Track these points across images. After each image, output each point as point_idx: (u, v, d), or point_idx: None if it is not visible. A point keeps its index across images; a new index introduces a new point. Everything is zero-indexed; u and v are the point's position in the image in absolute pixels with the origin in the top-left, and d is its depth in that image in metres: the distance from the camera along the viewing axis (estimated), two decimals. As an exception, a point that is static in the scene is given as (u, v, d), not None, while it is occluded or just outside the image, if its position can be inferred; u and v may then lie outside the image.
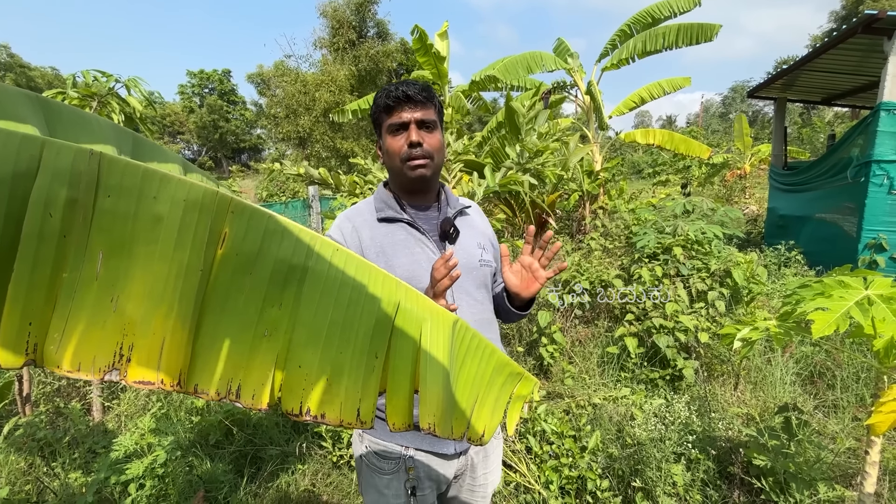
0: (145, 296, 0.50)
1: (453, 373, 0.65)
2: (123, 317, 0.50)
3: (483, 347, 0.70)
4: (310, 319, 0.58)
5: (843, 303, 1.56)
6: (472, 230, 1.27)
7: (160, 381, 0.49)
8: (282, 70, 16.30)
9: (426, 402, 0.60)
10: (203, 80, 43.72)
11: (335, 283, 0.60)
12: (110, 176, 0.51)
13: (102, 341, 0.49)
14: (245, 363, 0.55)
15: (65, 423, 2.76)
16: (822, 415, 3.09)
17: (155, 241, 0.51)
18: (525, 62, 6.90)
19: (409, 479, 1.16)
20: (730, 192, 11.81)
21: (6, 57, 31.40)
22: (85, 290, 0.50)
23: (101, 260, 0.50)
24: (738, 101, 48.62)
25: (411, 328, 0.63)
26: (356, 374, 0.59)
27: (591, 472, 2.33)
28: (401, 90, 1.11)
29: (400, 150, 1.13)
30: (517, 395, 0.73)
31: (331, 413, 0.57)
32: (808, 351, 3.67)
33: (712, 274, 3.77)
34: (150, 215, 0.52)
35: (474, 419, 0.68)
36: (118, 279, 0.50)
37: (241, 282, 0.56)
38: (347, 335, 0.60)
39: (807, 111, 30.43)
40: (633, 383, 3.48)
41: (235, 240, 0.56)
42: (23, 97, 0.97)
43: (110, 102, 3.37)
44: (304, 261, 0.59)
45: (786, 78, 6.76)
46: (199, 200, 0.54)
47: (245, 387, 0.55)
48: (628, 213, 6.04)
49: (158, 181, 0.53)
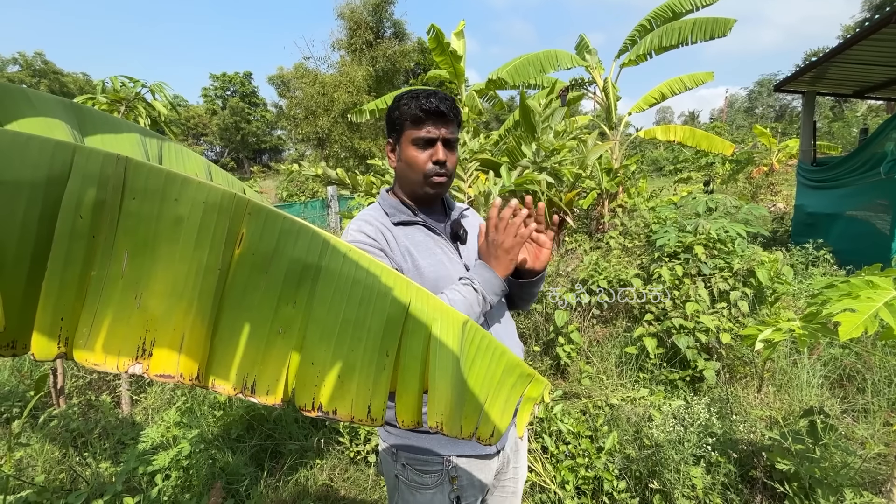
0: (167, 293, 0.53)
1: (463, 372, 0.66)
2: (146, 313, 0.52)
3: (493, 348, 0.71)
4: (323, 317, 0.60)
5: (871, 304, 1.51)
6: (475, 231, 1.29)
7: (179, 375, 0.52)
8: (301, 72, 16.56)
9: (435, 400, 0.61)
10: (225, 82, 44.73)
11: (348, 281, 0.62)
12: (136, 179, 0.54)
13: (127, 336, 0.52)
14: (261, 359, 0.57)
15: (96, 415, 2.87)
16: (850, 419, 2.99)
17: (176, 241, 0.54)
18: (538, 62, 6.84)
19: (453, 490, 1.12)
20: (756, 190, 11.48)
21: (41, 64, 32.73)
22: (111, 287, 0.52)
23: (127, 259, 0.53)
24: (764, 95, 47.13)
25: (421, 327, 0.64)
26: (367, 372, 0.61)
27: (607, 473, 2.31)
28: (434, 104, 1.08)
29: (424, 165, 1.11)
30: (528, 397, 0.74)
31: (342, 409, 0.59)
32: (837, 353, 3.55)
33: (735, 273, 3.68)
34: (171, 216, 0.54)
35: (483, 419, 0.69)
36: (142, 277, 0.53)
37: (258, 280, 0.58)
38: (359, 333, 0.61)
39: (838, 105, 29.29)
40: (652, 384, 3.43)
41: (252, 240, 0.58)
42: (58, 103, 1.02)
43: (137, 107, 3.49)
44: (317, 260, 0.61)
45: (815, 70, 6.53)
46: (217, 202, 0.56)
47: (260, 382, 0.57)
48: (648, 211, 5.94)
49: (180, 184, 0.55)
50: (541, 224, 1.11)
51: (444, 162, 1.11)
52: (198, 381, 0.53)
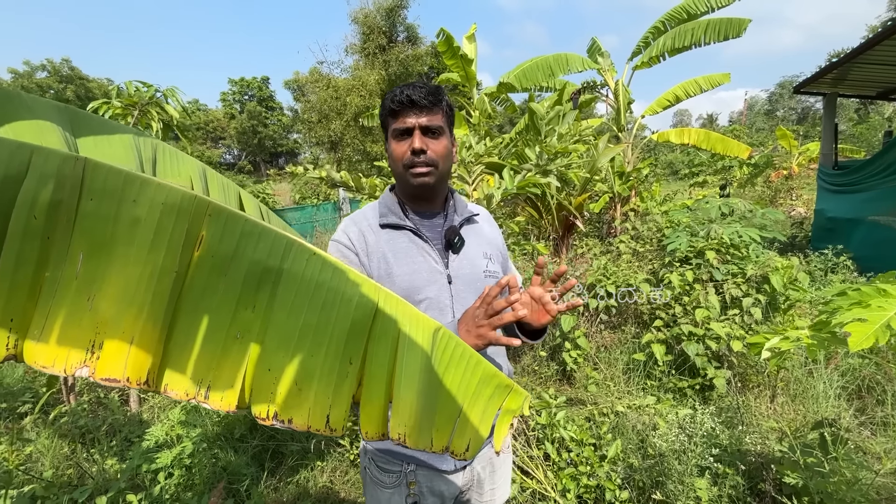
0: (119, 295, 0.53)
1: (433, 382, 0.64)
2: (97, 315, 0.52)
3: (468, 357, 0.68)
4: (282, 322, 0.59)
5: (882, 313, 1.45)
6: (479, 239, 1.22)
7: (126, 379, 0.51)
8: (316, 76, 16.76)
9: (398, 411, 0.60)
10: (243, 87, 45.57)
11: (310, 285, 0.60)
12: (94, 180, 0.53)
13: (77, 338, 0.51)
14: (216, 364, 0.57)
15: (104, 413, 2.93)
16: (869, 432, 2.87)
17: (132, 242, 0.54)
18: (548, 65, 6.79)
19: (410, 494, 1.14)
20: (775, 194, 11.19)
21: (67, 70, 33.82)
22: (65, 288, 0.52)
23: (82, 260, 0.53)
24: (785, 97, 46.08)
25: (389, 334, 0.63)
26: (328, 380, 0.59)
27: (609, 482, 2.25)
28: (405, 94, 1.07)
29: (403, 155, 1.09)
30: (506, 409, 0.71)
31: (298, 418, 0.58)
32: (855, 363, 3.43)
33: (748, 279, 3.58)
34: (129, 218, 0.54)
35: (458, 432, 0.67)
36: (96, 279, 0.53)
37: (216, 283, 0.57)
38: (320, 339, 0.60)
39: (864, 107, 28.44)
40: (660, 392, 3.35)
41: (212, 242, 0.57)
42: (52, 107, 1.04)
43: (150, 111, 3.56)
44: (279, 263, 0.60)
45: (836, 71, 6.34)
46: (177, 204, 0.56)
47: (214, 388, 0.56)
48: (661, 215, 5.83)
49: (139, 185, 0.55)
50: (553, 286, 1.07)
51: (423, 150, 1.08)
52: (147, 385, 0.53)
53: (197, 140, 37.55)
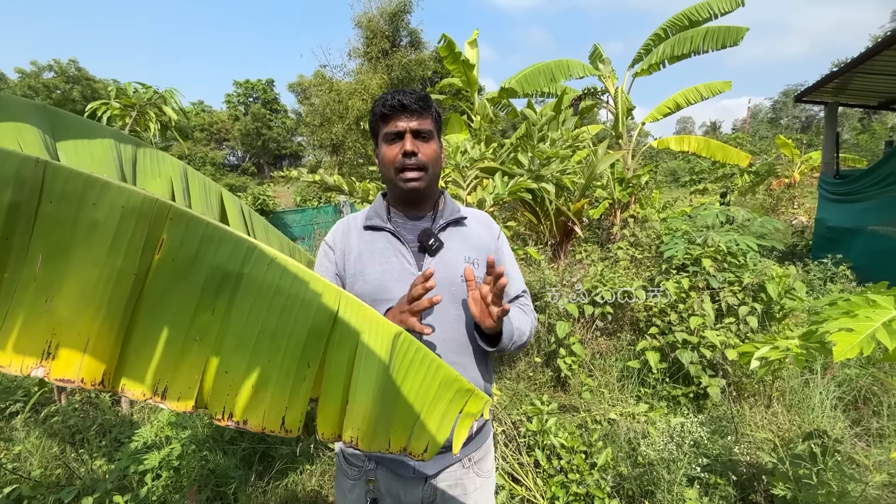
0: (76, 298, 0.53)
1: (391, 386, 0.64)
2: (54, 316, 0.52)
3: (429, 362, 0.68)
4: (240, 326, 0.59)
5: (869, 323, 1.44)
6: (464, 242, 1.20)
7: (80, 380, 0.52)
8: (319, 79, 16.86)
9: (352, 413, 0.60)
10: (248, 89, 45.87)
11: (269, 290, 0.61)
12: (54, 182, 0.54)
13: (34, 339, 0.52)
14: (174, 366, 0.57)
15: (95, 413, 2.93)
16: (864, 444, 2.85)
17: (91, 245, 0.54)
18: (549, 71, 6.81)
19: (369, 491, 1.17)
20: (776, 202, 11.17)
21: (74, 70, 34.12)
22: (24, 290, 0.52)
23: (41, 262, 0.53)
24: (789, 106, 46.09)
25: (348, 339, 0.63)
26: (284, 383, 0.60)
27: (599, 491, 2.24)
28: (397, 99, 1.10)
29: (394, 159, 1.11)
30: (466, 413, 0.71)
31: (253, 420, 0.58)
32: (852, 373, 3.40)
33: (745, 288, 3.57)
34: (88, 221, 0.54)
35: (417, 434, 0.67)
36: (54, 281, 0.53)
37: (176, 287, 0.58)
38: (278, 343, 0.60)
39: (867, 116, 28.40)
40: (654, 400, 3.34)
41: (172, 245, 0.58)
42: (32, 108, 1.05)
43: (148, 112, 3.58)
44: (239, 268, 0.60)
45: (838, 81, 6.34)
46: (137, 207, 0.56)
47: (172, 389, 0.56)
48: (660, 222, 5.82)
49: (100, 188, 0.55)
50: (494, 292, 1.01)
51: (415, 153, 1.10)
52: (102, 385, 0.53)
53: (201, 141, 37.73)
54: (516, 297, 1.27)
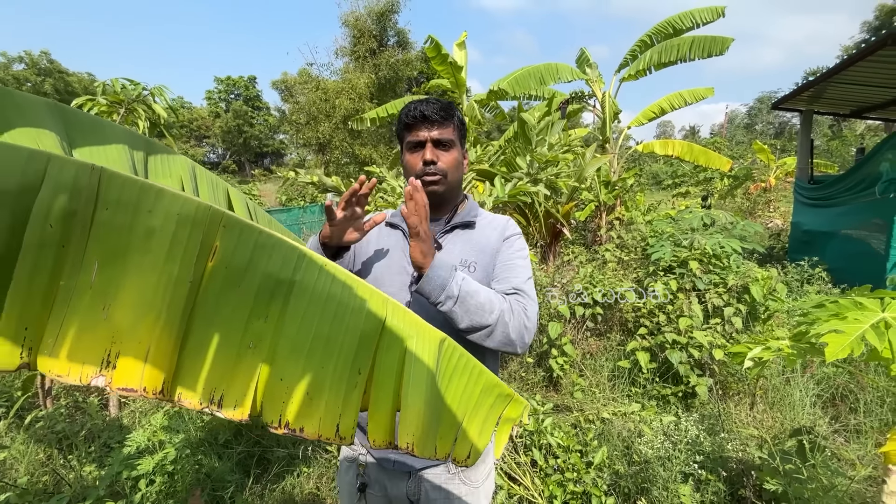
0: (135, 304, 0.53)
1: (438, 392, 0.65)
2: (113, 324, 0.52)
3: (472, 367, 0.70)
4: (294, 333, 0.60)
5: (858, 325, 1.51)
6: (465, 246, 1.21)
7: (143, 389, 0.51)
8: (305, 77, 16.67)
9: (406, 420, 0.61)
10: (230, 86, 44.98)
11: (321, 297, 0.61)
12: (109, 190, 0.54)
13: (92, 347, 0.51)
14: (229, 374, 0.57)
15: (82, 417, 2.85)
16: (843, 439, 2.97)
17: (147, 252, 0.54)
18: (539, 74, 6.90)
19: (360, 475, 1.24)
20: (753, 206, 11.53)
21: (46, 63, 32.89)
22: (80, 297, 0.52)
23: (97, 269, 0.53)
24: (764, 112, 47.51)
25: (396, 345, 0.64)
26: (338, 389, 0.60)
27: (595, 489, 2.28)
28: (419, 110, 1.15)
29: (416, 166, 1.17)
30: (506, 418, 0.73)
31: (309, 427, 0.58)
32: (830, 372, 3.54)
33: (729, 289, 3.68)
34: (144, 228, 0.54)
35: (460, 441, 0.68)
36: (111, 288, 0.53)
37: (229, 294, 0.58)
38: (331, 349, 0.61)
39: (837, 123, 29.50)
40: (645, 399, 3.41)
41: (225, 253, 0.58)
42: (45, 107, 1.03)
43: (136, 109, 3.50)
44: (291, 275, 0.61)
45: (813, 90, 6.59)
46: (191, 214, 0.56)
47: (227, 397, 0.57)
48: (645, 224, 5.95)
49: (154, 195, 0.55)
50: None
51: (434, 162, 1.15)
52: (162, 394, 0.53)
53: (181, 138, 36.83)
54: (506, 294, 1.18)
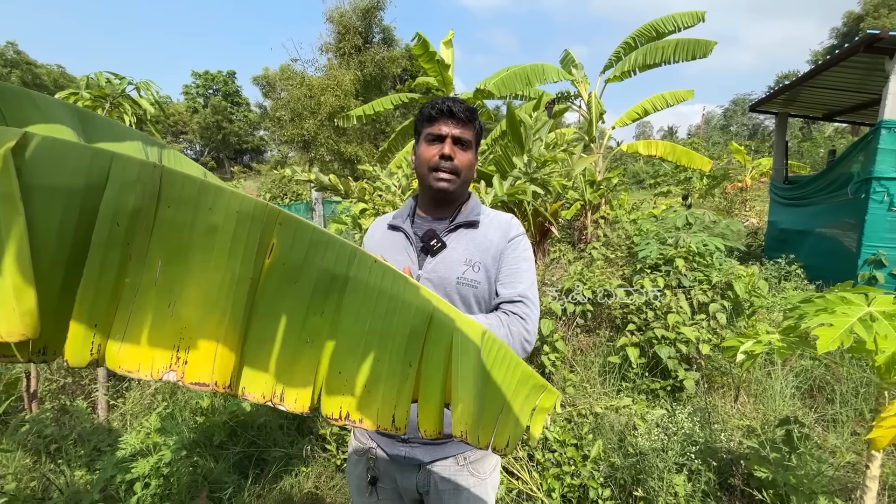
0: (200, 302, 0.53)
1: (482, 382, 0.68)
2: (180, 321, 0.53)
3: (510, 358, 0.73)
4: (350, 327, 0.61)
5: (846, 319, 1.60)
6: (469, 245, 1.22)
7: (214, 383, 0.52)
8: (288, 73, 16.42)
9: (458, 410, 0.63)
10: (208, 80, 43.93)
11: (374, 293, 0.63)
12: (171, 188, 0.54)
13: (160, 344, 0.52)
14: (289, 368, 0.58)
15: (70, 421, 2.77)
16: (821, 429, 3.11)
17: (210, 249, 0.55)
18: (525, 74, 6.98)
19: (370, 468, 1.26)
20: (730, 205, 11.89)
21: (13, 54, 31.54)
22: (144, 294, 0.53)
23: (160, 267, 0.53)
24: (738, 113, 48.92)
25: (443, 338, 0.66)
26: (392, 382, 0.62)
27: (592, 481, 2.34)
28: (447, 105, 1.18)
29: (431, 158, 1.18)
30: (540, 408, 0.76)
31: (368, 418, 0.60)
32: (807, 365, 3.70)
33: (714, 286, 3.81)
34: (205, 225, 0.55)
35: (499, 429, 0.71)
36: (175, 285, 0.53)
37: (287, 290, 0.59)
38: (384, 343, 0.62)
39: (807, 126, 30.60)
40: (634, 393, 3.51)
41: (282, 250, 0.59)
42: (62, 106, 1.01)
43: (122, 104, 3.41)
44: (345, 271, 0.62)
45: (788, 93, 6.84)
46: (250, 212, 0.57)
47: (288, 391, 0.58)
48: (630, 223, 6.09)
49: (214, 193, 0.56)
50: None
51: (451, 157, 1.17)
52: (230, 388, 0.54)
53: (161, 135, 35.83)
54: (511, 302, 1.19)
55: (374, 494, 1.28)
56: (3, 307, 0.44)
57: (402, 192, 3.11)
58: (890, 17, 28.89)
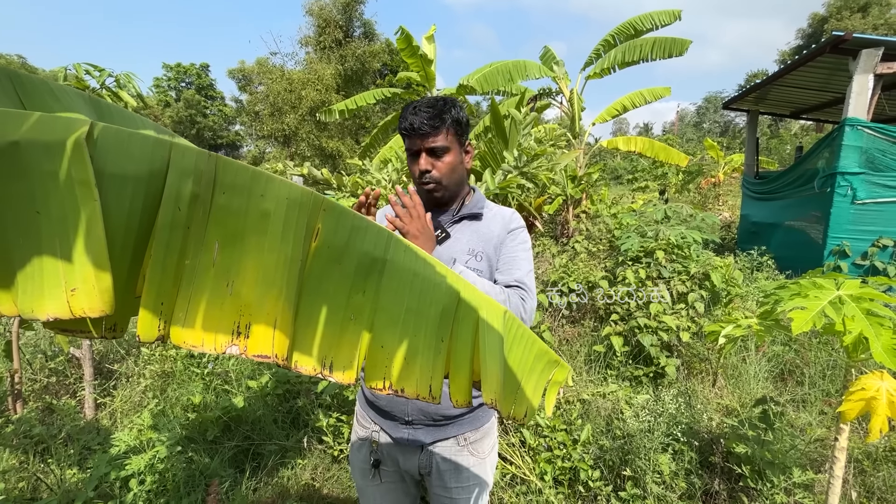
0: (258, 281, 0.57)
1: (505, 357, 0.74)
2: (239, 299, 0.57)
3: (527, 336, 0.79)
4: (389, 305, 0.66)
5: (818, 302, 1.72)
6: (473, 235, 1.29)
7: (274, 356, 0.56)
8: (266, 67, 16.11)
9: (488, 380, 0.69)
10: (180, 73, 42.55)
11: (409, 274, 0.68)
12: (225, 175, 0.58)
13: (221, 321, 0.56)
14: (336, 343, 0.63)
15: (57, 420, 2.72)
16: (792, 410, 3.30)
17: (264, 233, 0.59)
18: (507, 70, 7.06)
19: (373, 451, 1.31)
20: (704, 199, 12.30)
21: (-32, 42, 29.87)
22: (204, 275, 0.56)
23: (217, 249, 0.57)
24: (711, 111, 50.33)
25: (470, 316, 0.71)
26: (427, 355, 0.67)
27: (583, 464, 2.45)
28: (408, 122, 1.21)
29: (414, 172, 1.27)
30: (554, 381, 0.82)
31: (409, 388, 0.65)
32: (779, 350, 3.90)
33: (692, 277, 3.97)
34: (258, 211, 0.59)
35: (518, 401, 0.77)
36: (232, 266, 0.57)
37: (332, 271, 0.63)
38: (420, 320, 0.68)
39: (775, 123, 31.76)
40: (619, 380, 3.64)
41: (327, 234, 0.63)
42: (78, 96, 1.02)
43: (103, 97, 3.32)
44: (383, 254, 0.67)
45: (758, 92, 7.12)
46: (298, 199, 0.61)
47: (336, 363, 0.62)
48: (610, 217, 6.26)
49: (265, 181, 0.60)
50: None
51: (427, 171, 1.23)
52: (286, 362, 0.58)
53: (126, 128, 34.48)
54: (508, 287, 1.25)
55: (377, 477, 1.33)
56: (86, 285, 0.47)
57: (392, 187, 3.15)
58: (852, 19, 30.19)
